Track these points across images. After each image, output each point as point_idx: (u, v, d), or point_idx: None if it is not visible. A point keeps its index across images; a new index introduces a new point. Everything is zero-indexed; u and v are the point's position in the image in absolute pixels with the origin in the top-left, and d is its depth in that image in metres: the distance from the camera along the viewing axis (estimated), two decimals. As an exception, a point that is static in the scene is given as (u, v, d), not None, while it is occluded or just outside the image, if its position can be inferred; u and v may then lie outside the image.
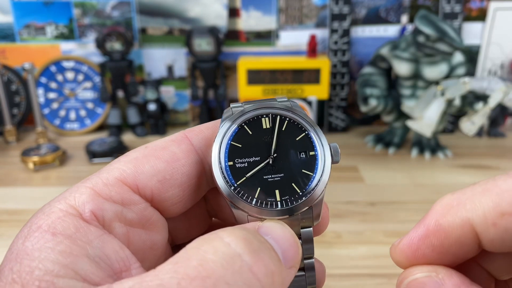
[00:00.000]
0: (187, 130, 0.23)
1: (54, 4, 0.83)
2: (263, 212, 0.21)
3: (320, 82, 0.78)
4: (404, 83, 0.73)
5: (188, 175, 0.22)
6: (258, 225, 0.20)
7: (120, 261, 0.18)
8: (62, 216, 0.18)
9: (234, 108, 0.23)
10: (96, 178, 0.20)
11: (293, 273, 0.19)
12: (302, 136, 0.23)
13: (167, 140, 0.22)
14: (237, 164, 0.22)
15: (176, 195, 0.22)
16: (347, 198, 0.59)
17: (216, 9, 0.83)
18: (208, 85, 0.84)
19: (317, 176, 0.22)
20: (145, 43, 0.85)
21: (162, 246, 0.22)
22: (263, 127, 0.23)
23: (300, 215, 0.21)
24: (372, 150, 0.76)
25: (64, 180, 0.66)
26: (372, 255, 0.46)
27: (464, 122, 0.67)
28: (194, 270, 0.15)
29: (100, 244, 0.18)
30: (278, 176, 0.22)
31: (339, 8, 0.81)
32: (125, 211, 0.20)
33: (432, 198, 0.59)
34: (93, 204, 0.19)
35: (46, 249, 0.17)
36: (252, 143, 0.22)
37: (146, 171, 0.21)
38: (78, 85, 0.86)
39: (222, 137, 0.22)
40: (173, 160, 0.22)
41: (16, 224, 0.54)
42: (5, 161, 0.74)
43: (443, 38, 0.64)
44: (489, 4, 0.81)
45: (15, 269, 0.17)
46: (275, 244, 0.18)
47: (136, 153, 0.22)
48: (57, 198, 0.20)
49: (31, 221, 0.18)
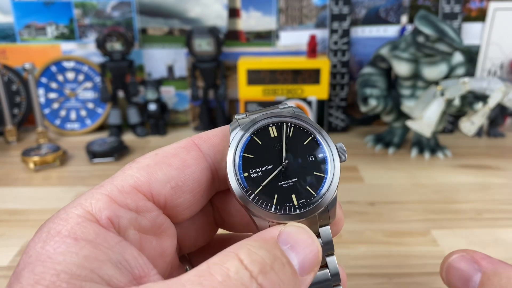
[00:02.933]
0: (195, 136, 0.24)
1: (54, 5, 0.83)
2: (282, 218, 0.22)
3: (320, 82, 0.78)
4: (403, 83, 0.73)
5: (198, 181, 0.23)
6: (279, 231, 0.20)
7: (139, 267, 0.19)
8: (81, 222, 0.18)
9: (240, 120, 0.24)
10: (111, 185, 0.21)
11: (310, 279, 0.20)
12: (309, 140, 0.23)
13: (176, 147, 0.23)
14: (252, 175, 0.22)
15: (187, 201, 0.22)
16: (347, 198, 0.59)
17: (216, 9, 0.83)
18: (208, 85, 0.84)
19: (329, 177, 0.23)
20: (145, 43, 0.86)
21: (171, 253, 0.23)
22: (271, 135, 0.23)
23: (317, 215, 0.22)
24: (372, 150, 0.77)
25: (65, 180, 0.66)
26: (372, 255, 0.47)
27: (463, 122, 0.67)
28: (219, 285, 0.17)
29: (120, 250, 0.19)
30: (292, 181, 0.22)
31: (339, 8, 0.81)
32: (139, 219, 0.20)
33: (432, 198, 0.59)
34: (110, 211, 0.19)
35: (70, 254, 0.17)
36: (263, 153, 0.23)
37: (160, 179, 0.21)
38: (79, 85, 0.86)
39: (234, 150, 0.23)
40: (184, 166, 0.22)
41: (17, 224, 0.54)
42: (6, 161, 0.74)
43: (443, 38, 0.64)
44: (488, 4, 0.81)
45: (38, 271, 0.17)
46: (293, 253, 0.19)
47: (147, 160, 0.22)
48: (72, 204, 0.20)
49: (48, 226, 0.19)
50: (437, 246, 0.48)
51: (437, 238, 0.50)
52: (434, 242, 0.49)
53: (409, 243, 0.49)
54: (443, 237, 0.50)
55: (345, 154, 0.23)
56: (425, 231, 0.51)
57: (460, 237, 0.50)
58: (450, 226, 0.52)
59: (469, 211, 0.55)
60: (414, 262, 0.45)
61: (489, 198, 0.59)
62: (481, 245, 0.48)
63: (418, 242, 0.49)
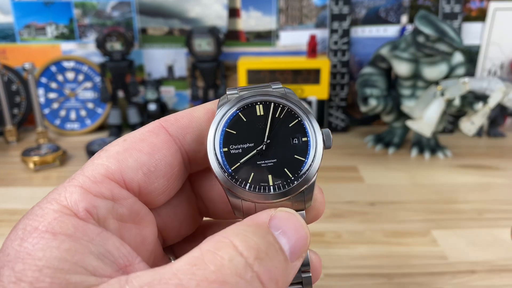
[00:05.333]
0: (162, 119, 0.23)
1: (54, 4, 0.83)
2: (256, 197, 0.22)
3: (320, 82, 0.78)
4: (403, 83, 0.73)
5: (170, 164, 0.22)
6: (270, 216, 0.20)
7: (123, 256, 0.19)
8: (58, 217, 0.18)
9: (230, 94, 0.24)
10: (82, 176, 0.20)
11: (298, 264, 0.20)
12: (295, 122, 0.23)
13: (144, 132, 0.22)
14: (232, 150, 0.22)
15: (162, 186, 0.22)
16: (347, 198, 0.59)
17: (216, 9, 0.83)
18: (208, 85, 0.84)
19: (308, 161, 0.22)
20: (145, 43, 0.86)
21: (152, 241, 0.22)
22: (257, 114, 0.23)
23: (293, 198, 0.22)
24: (372, 150, 0.77)
25: (65, 180, 0.66)
26: (372, 255, 0.47)
27: (463, 122, 0.67)
28: (212, 274, 0.16)
29: (101, 241, 0.18)
30: (271, 162, 0.22)
31: (339, 8, 0.81)
32: (116, 207, 0.20)
33: (432, 198, 0.59)
34: (86, 202, 0.19)
35: (50, 249, 0.17)
36: (246, 130, 0.23)
37: (131, 166, 0.21)
38: (79, 85, 0.86)
39: (217, 124, 0.22)
40: (154, 151, 0.22)
41: (17, 224, 0.54)
42: (5, 161, 0.74)
43: (443, 38, 0.64)
44: (488, 4, 0.81)
45: (18, 269, 0.16)
46: (285, 239, 0.19)
47: (116, 147, 0.22)
48: (46, 199, 0.19)
49: (23, 223, 0.18)
50: (437, 246, 0.48)
51: (437, 238, 0.49)
52: (434, 242, 0.49)
53: (409, 243, 0.49)
54: (443, 237, 0.50)
55: (330, 141, 0.23)
56: (425, 231, 0.51)
57: (460, 237, 0.50)
58: (450, 226, 0.52)
59: (469, 211, 0.55)
60: (414, 262, 0.45)
61: (489, 198, 0.59)
62: (482, 245, 0.48)
63: (418, 242, 0.49)
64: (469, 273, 0.44)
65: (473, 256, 0.46)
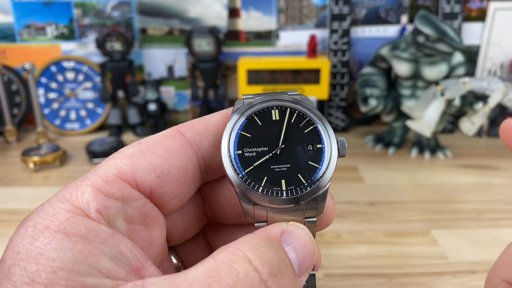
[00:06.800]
0: (179, 125, 0.24)
1: (54, 4, 0.83)
2: (269, 200, 0.21)
3: (320, 82, 0.78)
4: (404, 83, 0.73)
5: (184, 169, 0.22)
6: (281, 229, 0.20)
7: (136, 259, 0.18)
8: (70, 217, 0.18)
9: (246, 99, 0.24)
10: (95, 176, 0.20)
11: (304, 279, 0.20)
12: (310, 129, 0.23)
13: (160, 136, 0.23)
14: (246, 153, 0.22)
15: (174, 190, 0.22)
16: (347, 198, 0.59)
17: (216, 9, 0.83)
18: (208, 85, 0.84)
19: (322, 168, 0.22)
20: (145, 43, 0.86)
21: (160, 243, 0.22)
22: (273, 118, 0.23)
23: (305, 205, 0.22)
24: (372, 150, 0.77)
25: (65, 180, 0.66)
26: (372, 255, 0.47)
27: (463, 122, 0.67)
28: None
29: (114, 243, 0.18)
30: (285, 167, 0.22)
31: (339, 8, 0.81)
32: (125, 208, 0.20)
33: (432, 198, 0.59)
34: (97, 203, 0.19)
35: (64, 250, 0.17)
36: (261, 134, 0.23)
37: (144, 167, 0.21)
38: (79, 85, 0.86)
39: (232, 127, 0.23)
40: (169, 154, 0.22)
41: (17, 224, 0.54)
42: (5, 161, 0.74)
43: (443, 38, 0.64)
44: (489, 4, 0.81)
45: (31, 269, 0.16)
46: (294, 255, 0.19)
47: (131, 149, 0.22)
48: (57, 197, 0.19)
49: (33, 220, 0.18)
50: (437, 246, 0.48)
51: (437, 238, 0.49)
52: (434, 242, 0.49)
53: (409, 243, 0.49)
54: (443, 237, 0.50)
55: (345, 149, 0.23)
56: (425, 231, 0.51)
57: (460, 237, 0.50)
58: (450, 226, 0.52)
59: (469, 211, 0.55)
60: (414, 262, 0.45)
61: (489, 198, 0.59)
62: (482, 245, 0.48)
63: (418, 242, 0.49)
64: (469, 273, 0.44)
65: (473, 256, 0.46)
